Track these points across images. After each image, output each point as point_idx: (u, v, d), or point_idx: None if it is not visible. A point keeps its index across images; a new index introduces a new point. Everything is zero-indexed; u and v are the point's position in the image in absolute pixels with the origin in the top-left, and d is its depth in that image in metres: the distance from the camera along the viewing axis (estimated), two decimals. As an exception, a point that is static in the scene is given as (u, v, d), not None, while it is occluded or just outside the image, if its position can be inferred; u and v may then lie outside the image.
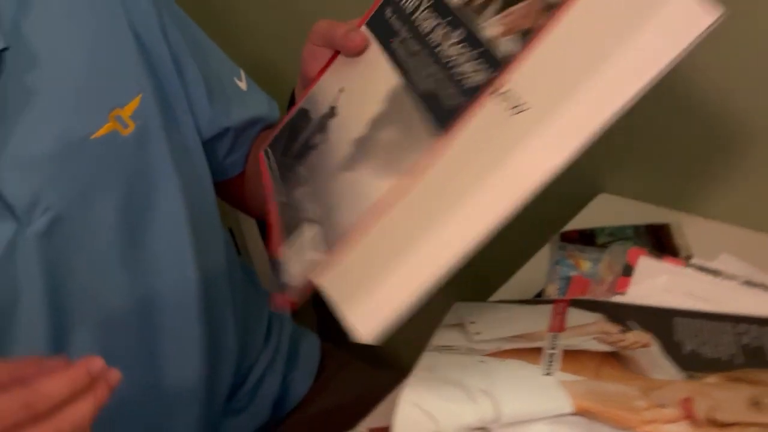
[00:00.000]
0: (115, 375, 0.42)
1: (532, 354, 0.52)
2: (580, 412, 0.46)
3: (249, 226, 1.04)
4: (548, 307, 0.59)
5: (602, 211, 0.83)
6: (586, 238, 0.76)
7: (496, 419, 0.45)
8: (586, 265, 0.64)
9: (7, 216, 0.56)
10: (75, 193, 0.60)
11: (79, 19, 0.63)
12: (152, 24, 0.67)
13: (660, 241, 0.74)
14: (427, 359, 0.53)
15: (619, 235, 0.75)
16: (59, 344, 0.60)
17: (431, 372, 0.51)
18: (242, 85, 0.80)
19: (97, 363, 0.42)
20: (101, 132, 0.62)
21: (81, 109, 0.61)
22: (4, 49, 0.56)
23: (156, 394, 0.69)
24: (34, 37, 0.60)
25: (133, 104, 0.65)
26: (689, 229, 0.76)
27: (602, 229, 0.76)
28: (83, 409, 0.41)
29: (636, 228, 0.76)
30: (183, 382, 0.71)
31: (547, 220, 0.80)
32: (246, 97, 0.78)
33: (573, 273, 0.64)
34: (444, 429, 0.46)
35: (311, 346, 0.91)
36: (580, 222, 0.81)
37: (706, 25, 0.32)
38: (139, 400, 0.65)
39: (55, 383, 0.40)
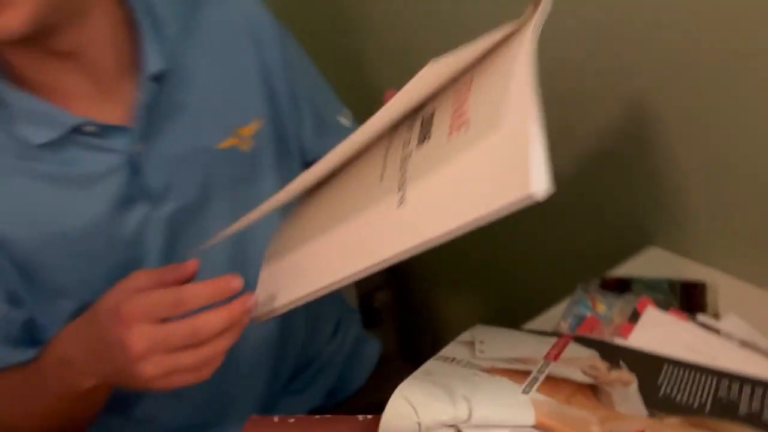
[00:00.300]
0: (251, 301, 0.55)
1: (520, 375, 0.60)
2: (540, 427, 0.53)
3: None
4: (553, 339, 0.66)
5: (648, 263, 0.88)
6: (623, 286, 0.81)
7: (466, 420, 0.54)
8: (602, 308, 0.71)
9: (146, 199, 0.72)
10: (197, 190, 0.75)
11: (222, 52, 0.79)
12: (278, 64, 0.83)
13: (691, 298, 0.78)
14: (429, 365, 0.62)
15: (654, 287, 0.81)
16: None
17: (428, 375, 0.60)
18: (345, 121, 0.93)
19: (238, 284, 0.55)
20: (224, 144, 0.78)
21: (212, 125, 0.77)
22: (165, 71, 0.72)
23: (234, 365, 0.82)
24: (187, 62, 0.76)
25: (254, 126, 0.80)
26: (727, 290, 0.80)
27: (640, 280, 0.82)
28: (230, 338, 0.55)
29: (671, 282, 0.80)
30: (256, 358, 0.85)
31: (596, 264, 0.86)
32: (347, 133, 0.91)
33: (588, 313, 0.70)
34: (423, 421, 0.55)
35: (372, 350, 1.02)
36: (624, 270, 0.87)
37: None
38: (220, 370, 0.79)
39: (217, 318, 0.53)
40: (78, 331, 0.60)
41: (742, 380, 0.59)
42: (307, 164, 0.85)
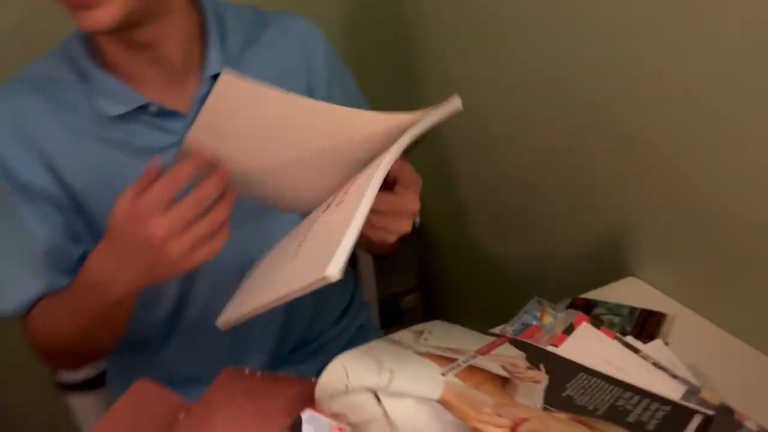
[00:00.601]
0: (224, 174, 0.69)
1: (446, 361, 0.69)
2: (442, 402, 0.63)
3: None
4: (492, 339, 0.75)
5: (623, 291, 0.94)
6: (589, 307, 0.89)
7: (384, 387, 0.64)
8: (548, 319, 0.79)
9: (182, 119, 0.86)
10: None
11: (275, 64, 0.94)
12: (320, 78, 0.97)
13: (645, 325, 0.85)
14: (375, 343, 0.73)
15: (615, 310, 0.88)
16: (187, 283, 0.91)
17: (370, 350, 0.70)
18: None
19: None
20: None
21: None
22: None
23: (247, 328, 0.96)
24: (243, 68, 0.89)
25: None
26: (685, 322, 0.86)
27: (605, 303, 0.89)
28: (227, 204, 0.69)
29: (632, 309, 0.87)
30: (265, 325, 0.98)
31: (582, 286, 0.94)
32: None
33: (534, 322, 0.79)
34: (350, 384, 0.66)
35: (374, 339, 1.13)
36: (599, 294, 0.94)
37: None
38: (234, 330, 0.93)
39: (210, 183, 0.67)
40: (104, 251, 0.73)
41: (642, 394, 0.66)
42: None
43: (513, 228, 1.25)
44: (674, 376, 0.69)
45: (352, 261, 1.27)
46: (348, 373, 0.67)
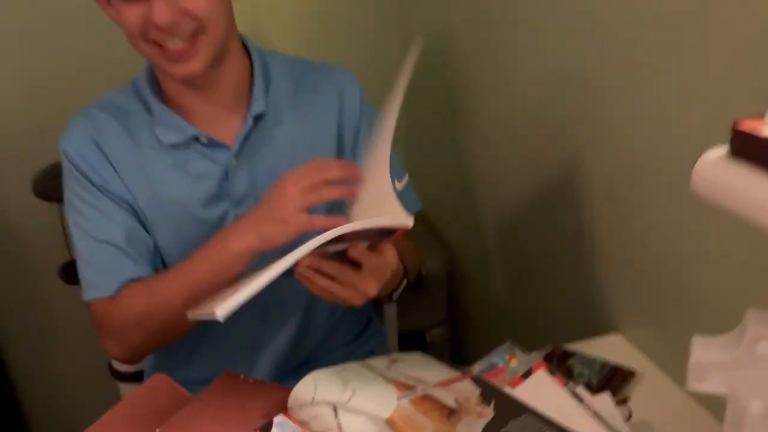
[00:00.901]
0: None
1: (407, 389, 0.79)
2: (388, 422, 0.72)
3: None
4: (456, 374, 0.84)
5: (604, 344, 1.00)
6: (566, 357, 0.96)
7: (344, 403, 0.75)
8: (514, 363, 0.86)
9: (228, 199, 1.02)
10: (264, 189, 1.00)
11: (312, 107, 1.07)
12: (351, 125, 1.09)
13: (611, 379, 0.91)
14: (350, 364, 0.83)
15: (588, 363, 0.94)
16: None
17: (342, 370, 0.81)
18: (398, 185, 1.15)
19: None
20: None
21: (288, 157, 1.02)
22: (264, 113, 1.01)
23: (264, 335, 1.10)
24: (283, 109, 1.05)
25: None
26: (653, 384, 0.91)
27: (581, 355, 0.96)
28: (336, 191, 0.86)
29: (604, 363, 0.93)
30: (278, 338, 1.10)
31: (569, 336, 1.01)
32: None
33: (500, 364, 0.87)
34: (316, 396, 0.76)
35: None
36: (582, 346, 1.00)
37: None
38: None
39: (335, 169, 0.85)
40: (239, 216, 0.92)
41: (572, 437, 0.73)
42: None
43: (526, 275, 1.33)
44: (609, 427, 0.76)
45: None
46: (317, 386, 0.78)
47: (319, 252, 0.79)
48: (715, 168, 0.53)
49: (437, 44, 1.53)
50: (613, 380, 0.90)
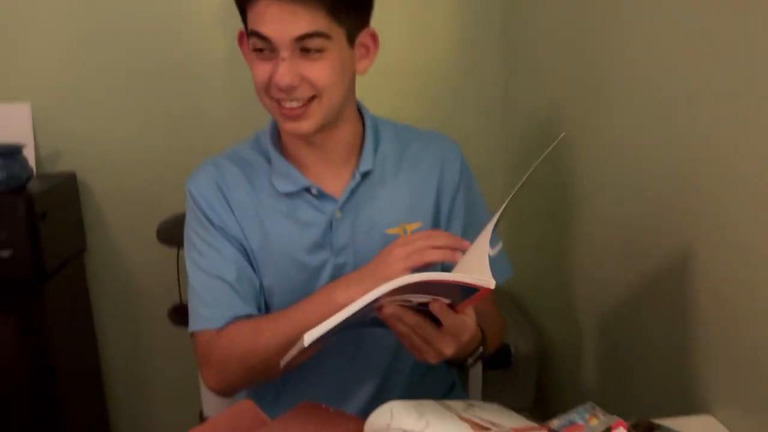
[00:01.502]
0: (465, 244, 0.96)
1: (481, 429, 0.79)
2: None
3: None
4: (533, 425, 0.83)
5: (693, 425, 0.96)
6: (651, 428, 0.93)
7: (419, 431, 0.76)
8: (594, 422, 0.85)
9: (330, 248, 1.08)
10: (362, 255, 1.08)
11: (414, 171, 1.14)
12: (449, 192, 1.15)
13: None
14: (426, 401, 0.85)
15: (673, 439, 0.90)
16: None
17: (419, 405, 0.82)
18: (492, 252, 1.18)
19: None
20: (391, 231, 1.11)
21: (389, 216, 1.10)
22: (371, 171, 1.10)
23: (347, 382, 1.13)
24: (387, 170, 1.12)
25: (416, 225, 1.12)
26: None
27: (668, 428, 0.92)
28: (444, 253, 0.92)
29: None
30: (363, 384, 1.14)
31: (660, 410, 0.98)
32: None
33: (579, 421, 0.85)
34: (392, 423, 0.78)
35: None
36: (668, 422, 0.96)
37: None
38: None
39: (445, 234, 0.92)
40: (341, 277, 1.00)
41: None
42: (443, 267, 1.11)
43: (618, 360, 1.29)
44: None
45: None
46: (393, 415, 0.80)
47: (404, 302, 0.83)
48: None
49: (538, 122, 1.59)
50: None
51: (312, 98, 1.00)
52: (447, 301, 0.85)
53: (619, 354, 1.30)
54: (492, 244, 1.15)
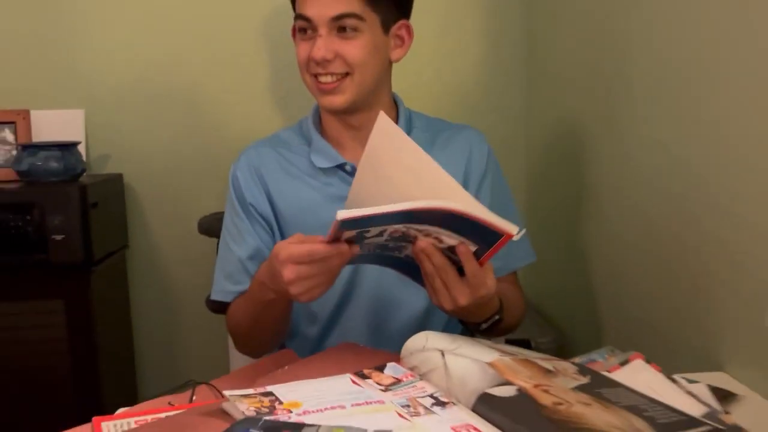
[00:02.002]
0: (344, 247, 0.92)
1: (509, 354, 0.86)
2: (491, 365, 0.80)
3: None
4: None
5: (708, 378, 1.02)
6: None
7: (452, 350, 0.84)
8: (613, 360, 0.91)
9: None
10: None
11: (443, 154, 1.20)
12: (477, 177, 1.25)
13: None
14: (459, 335, 0.92)
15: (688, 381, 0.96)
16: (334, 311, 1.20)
17: (453, 335, 0.90)
18: (516, 236, 1.26)
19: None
20: None
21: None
22: None
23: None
24: None
25: None
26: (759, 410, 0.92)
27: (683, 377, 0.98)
28: (336, 265, 0.90)
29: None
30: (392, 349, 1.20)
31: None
32: (512, 246, 1.20)
33: (599, 360, 0.92)
34: (427, 345, 0.86)
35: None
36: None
37: None
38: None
39: (323, 247, 0.90)
40: (265, 267, 1.01)
41: (663, 405, 0.77)
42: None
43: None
44: (701, 402, 0.79)
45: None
46: (428, 338, 0.88)
47: (437, 240, 0.90)
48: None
49: (557, 131, 1.69)
50: (715, 395, 0.92)
51: (345, 75, 1.12)
52: (473, 247, 0.91)
53: (634, 342, 1.37)
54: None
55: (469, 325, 1.04)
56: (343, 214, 0.81)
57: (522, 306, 1.24)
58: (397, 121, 1.23)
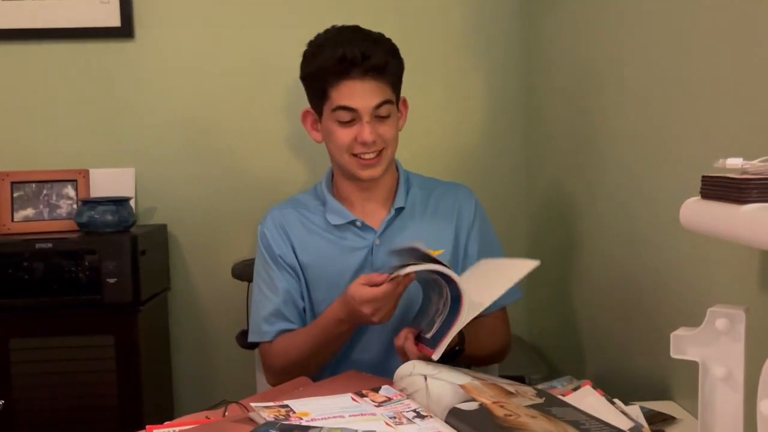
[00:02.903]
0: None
1: (480, 380, 1.07)
2: (462, 386, 1.01)
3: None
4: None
5: (656, 406, 1.21)
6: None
7: (433, 375, 1.04)
8: (569, 386, 1.11)
9: (370, 269, 1.38)
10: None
11: (436, 210, 1.46)
12: (467, 226, 1.47)
13: (652, 420, 1.11)
14: (438, 365, 1.12)
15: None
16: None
17: (433, 363, 1.11)
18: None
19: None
20: None
21: (425, 238, 1.40)
22: (403, 208, 1.43)
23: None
24: (416, 207, 1.45)
25: (439, 251, 1.42)
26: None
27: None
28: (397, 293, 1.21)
29: (649, 409, 1.14)
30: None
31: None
32: None
33: (558, 387, 1.11)
34: (414, 371, 1.06)
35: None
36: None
37: None
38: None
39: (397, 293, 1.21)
40: (340, 304, 1.27)
41: (600, 422, 0.96)
42: None
43: (614, 381, 1.54)
44: (631, 419, 0.98)
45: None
46: (415, 366, 1.09)
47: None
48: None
49: (554, 189, 1.90)
50: (654, 420, 1.11)
51: (381, 150, 1.35)
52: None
53: (607, 374, 1.55)
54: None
55: None
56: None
57: (504, 338, 1.44)
58: (398, 180, 1.45)
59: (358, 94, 1.32)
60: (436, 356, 1.09)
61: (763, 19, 0.96)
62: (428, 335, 1.15)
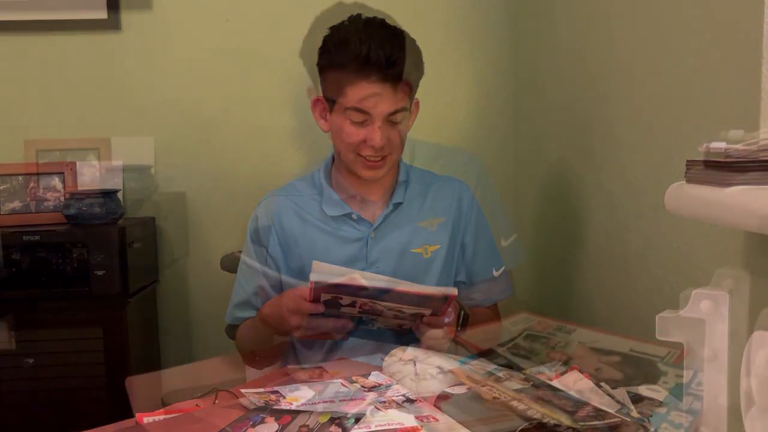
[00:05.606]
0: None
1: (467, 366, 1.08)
2: (452, 371, 1.01)
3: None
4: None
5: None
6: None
7: (422, 360, 1.05)
8: (555, 371, 1.12)
9: (364, 261, 1.40)
10: (393, 266, 1.39)
11: (434, 204, 1.47)
12: (462, 223, 1.48)
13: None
14: (438, 353, 1.13)
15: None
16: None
17: (425, 352, 1.12)
18: (495, 273, 1.49)
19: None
20: (415, 250, 1.43)
21: (414, 238, 1.43)
22: (401, 203, 1.43)
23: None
24: (413, 202, 1.45)
25: (435, 247, 1.44)
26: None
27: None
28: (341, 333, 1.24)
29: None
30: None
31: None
32: (492, 282, 1.47)
33: (547, 372, 1.13)
34: (403, 356, 1.07)
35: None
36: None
37: None
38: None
39: (339, 324, 1.22)
40: (270, 308, 1.29)
41: (583, 403, 0.97)
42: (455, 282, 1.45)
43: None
44: (617, 402, 0.99)
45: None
46: (404, 350, 1.10)
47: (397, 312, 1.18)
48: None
49: (542, 179, 1.92)
50: (640, 402, 1.12)
51: (387, 153, 1.35)
52: (428, 311, 1.17)
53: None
54: (496, 266, 1.48)
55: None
56: (314, 276, 1.10)
57: (497, 327, 1.45)
58: (398, 173, 1.46)
59: (375, 98, 1.28)
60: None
61: (744, 8, 0.98)
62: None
